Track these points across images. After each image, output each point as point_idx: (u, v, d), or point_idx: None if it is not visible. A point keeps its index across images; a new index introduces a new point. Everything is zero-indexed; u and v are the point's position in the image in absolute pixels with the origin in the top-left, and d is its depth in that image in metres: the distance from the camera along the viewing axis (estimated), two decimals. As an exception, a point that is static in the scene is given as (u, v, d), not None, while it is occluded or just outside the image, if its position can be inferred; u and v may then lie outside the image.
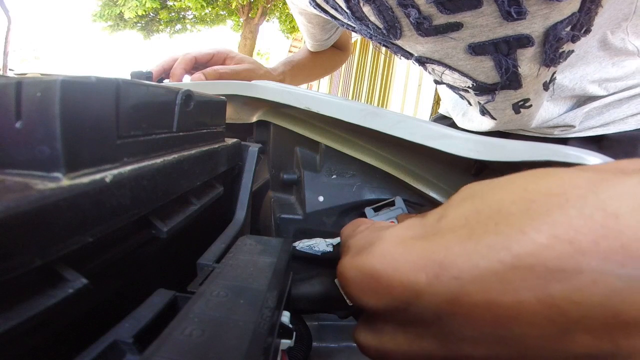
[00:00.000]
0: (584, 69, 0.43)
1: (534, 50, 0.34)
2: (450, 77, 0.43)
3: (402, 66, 3.18)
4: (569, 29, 0.32)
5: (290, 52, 7.69)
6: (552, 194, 0.11)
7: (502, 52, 0.35)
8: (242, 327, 0.12)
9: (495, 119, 0.46)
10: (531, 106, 0.42)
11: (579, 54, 0.41)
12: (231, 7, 6.92)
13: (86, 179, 0.12)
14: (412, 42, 0.39)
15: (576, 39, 0.33)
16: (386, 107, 3.29)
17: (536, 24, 0.32)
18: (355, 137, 0.30)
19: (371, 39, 0.43)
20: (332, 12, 0.44)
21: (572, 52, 0.36)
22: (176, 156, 0.17)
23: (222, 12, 7.77)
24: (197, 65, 0.54)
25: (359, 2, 0.37)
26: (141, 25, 8.14)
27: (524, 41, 0.34)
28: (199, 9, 7.18)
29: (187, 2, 6.97)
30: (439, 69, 0.42)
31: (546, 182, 0.12)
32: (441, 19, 0.34)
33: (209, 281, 0.15)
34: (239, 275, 0.16)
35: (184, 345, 0.11)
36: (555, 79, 0.39)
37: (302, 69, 0.73)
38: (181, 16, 8.31)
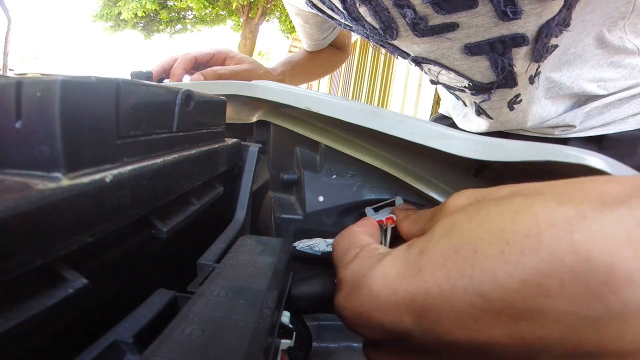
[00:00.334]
0: (582, 67, 0.43)
1: (527, 48, 0.35)
2: (446, 77, 0.43)
3: (402, 66, 3.18)
4: (556, 25, 0.33)
5: (290, 52, 7.69)
6: (527, 234, 0.12)
7: (498, 51, 0.35)
8: (242, 327, 0.12)
9: (491, 118, 0.46)
10: (522, 101, 0.42)
11: (577, 52, 0.41)
12: (232, 7, 6.93)
13: (86, 179, 0.12)
14: (408, 43, 0.39)
15: (559, 33, 0.34)
16: (386, 107, 3.29)
17: (530, 23, 0.32)
18: (355, 137, 0.30)
19: (368, 39, 0.44)
20: (329, 12, 0.44)
21: (556, 46, 0.36)
22: (176, 156, 0.17)
23: (222, 12, 7.77)
24: (197, 65, 0.54)
25: (355, 2, 0.37)
26: (142, 25, 8.15)
27: (519, 40, 0.34)
28: (201, 9, 7.18)
29: (189, 3, 6.97)
30: (435, 69, 0.42)
31: (523, 220, 0.12)
32: (437, 19, 0.34)
33: (209, 281, 0.15)
34: (239, 275, 0.16)
35: (184, 345, 0.11)
36: (540, 72, 0.39)
37: (301, 69, 0.73)
38: (181, 16, 8.31)
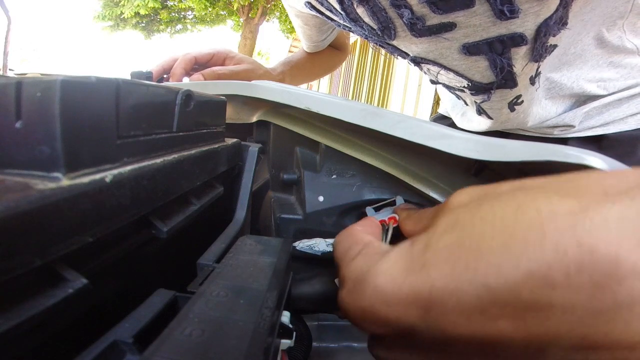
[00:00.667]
0: (581, 67, 0.43)
1: (527, 48, 0.34)
2: (445, 77, 0.43)
3: (402, 66, 3.18)
4: (554, 24, 0.32)
5: (290, 52, 7.69)
6: (530, 227, 0.12)
7: (497, 51, 0.35)
8: (242, 327, 0.12)
9: (492, 119, 0.46)
10: (523, 102, 0.42)
11: (577, 52, 0.41)
12: (232, 7, 6.92)
13: (86, 179, 0.12)
14: (406, 43, 0.39)
15: (557, 32, 0.34)
16: (386, 107, 3.29)
17: (528, 22, 0.32)
18: (355, 137, 0.30)
19: (367, 39, 0.43)
20: (327, 13, 0.44)
21: (555, 46, 0.36)
22: (176, 156, 0.17)
23: (222, 12, 7.77)
24: (197, 65, 0.54)
25: (352, 3, 0.37)
26: (142, 25, 8.15)
27: (518, 40, 0.34)
28: (202, 9, 7.18)
29: (191, 3, 6.97)
30: (434, 69, 0.42)
31: (526, 214, 0.12)
32: (434, 19, 0.34)
33: (209, 281, 0.15)
34: (239, 275, 0.16)
35: (184, 345, 0.11)
36: (540, 73, 0.39)
37: (301, 69, 0.73)
38: (182, 16, 8.31)
